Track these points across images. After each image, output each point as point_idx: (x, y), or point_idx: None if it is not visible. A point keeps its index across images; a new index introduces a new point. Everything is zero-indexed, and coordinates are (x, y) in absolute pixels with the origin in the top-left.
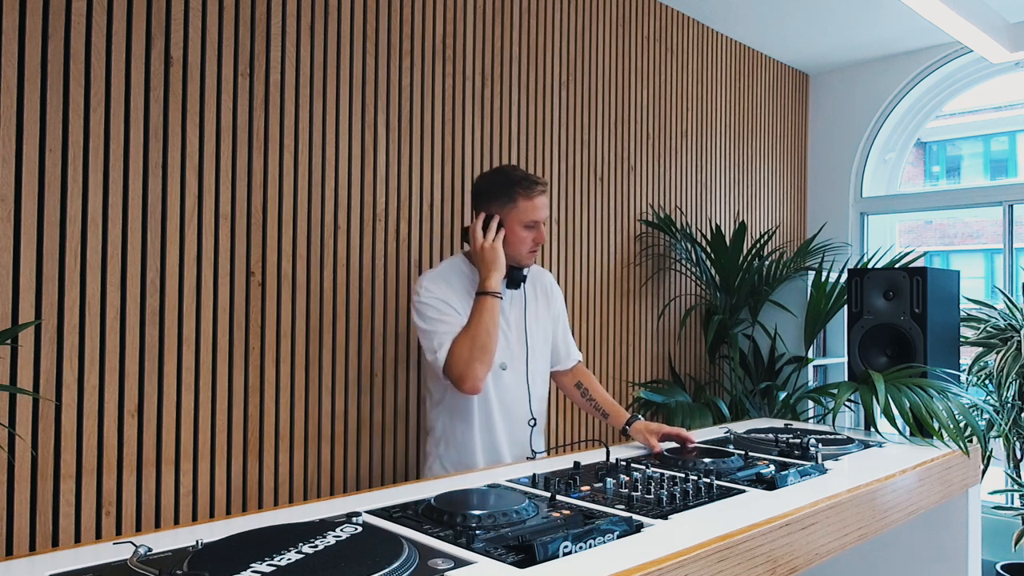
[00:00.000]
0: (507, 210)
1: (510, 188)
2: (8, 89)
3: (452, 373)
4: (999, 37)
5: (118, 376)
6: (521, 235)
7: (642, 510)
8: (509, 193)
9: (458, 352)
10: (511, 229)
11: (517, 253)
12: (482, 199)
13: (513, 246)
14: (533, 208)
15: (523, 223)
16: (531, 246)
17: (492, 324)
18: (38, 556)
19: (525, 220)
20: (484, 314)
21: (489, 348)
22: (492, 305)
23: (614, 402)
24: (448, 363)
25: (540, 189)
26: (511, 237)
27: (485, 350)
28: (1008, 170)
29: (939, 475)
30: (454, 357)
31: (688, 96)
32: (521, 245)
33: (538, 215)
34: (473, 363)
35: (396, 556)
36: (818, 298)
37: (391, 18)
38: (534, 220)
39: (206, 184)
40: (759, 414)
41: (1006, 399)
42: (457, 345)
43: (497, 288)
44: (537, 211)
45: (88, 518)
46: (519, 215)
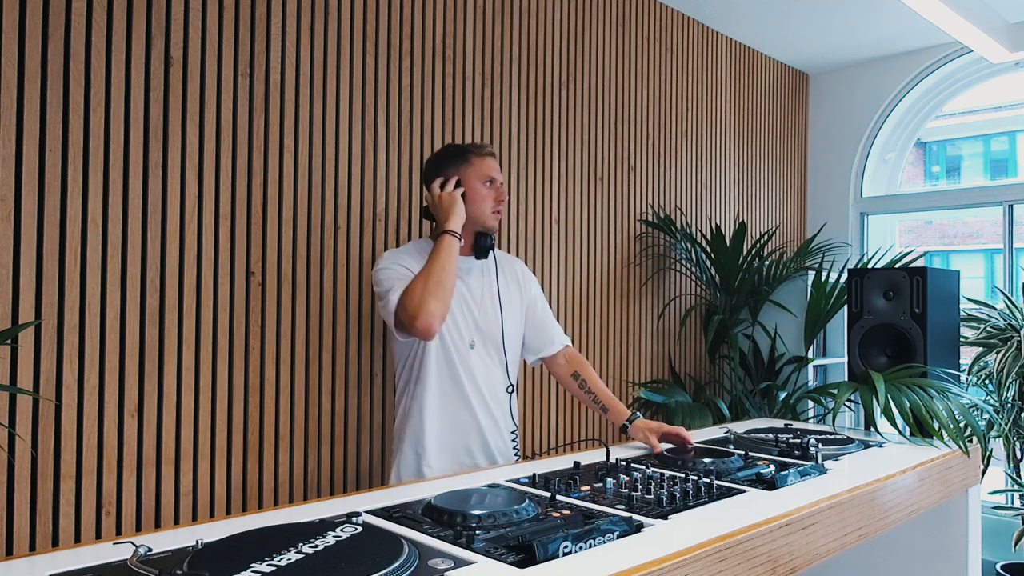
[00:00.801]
0: (463, 169)
1: (463, 152)
2: (8, 89)
3: (405, 311)
4: (999, 37)
5: (118, 376)
6: (482, 192)
7: (642, 510)
8: (462, 155)
9: (410, 290)
10: (471, 187)
11: (480, 211)
12: (436, 169)
13: (475, 204)
14: (488, 165)
15: (481, 179)
16: (493, 205)
17: (448, 261)
18: (38, 556)
19: (483, 176)
20: (441, 252)
21: (444, 284)
22: (449, 243)
23: (613, 397)
24: (401, 302)
25: (488, 150)
26: (472, 195)
27: (440, 285)
28: (1008, 170)
29: (939, 475)
30: (407, 295)
31: (688, 96)
32: (483, 203)
33: (494, 172)
34: (427, 298)
35: (396, 556)
36: (818, 298)
37: (391, 18)
38: (491, 176)
39: (206, 184)
40: (759, 414)
41: (1006, 399)
42: (411, 284)
43: (456, 229)
44: (492, 168)
45: (88, 518)
46: (476, 171)
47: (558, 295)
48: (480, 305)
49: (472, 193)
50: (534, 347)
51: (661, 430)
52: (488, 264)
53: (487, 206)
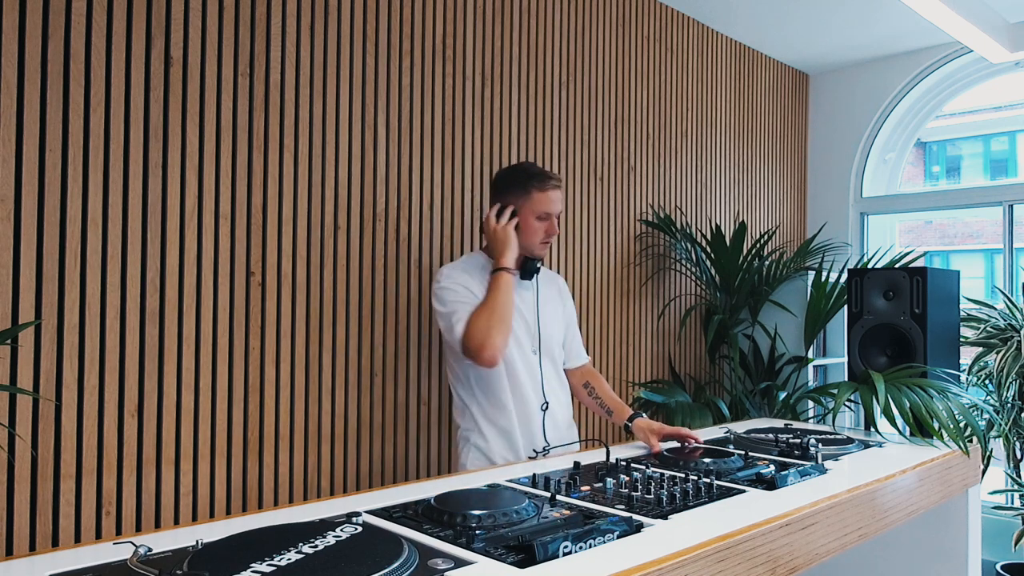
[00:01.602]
0: (521, 202)
1: (525, 182)
2: (8, 89)
3: (471, 344)
4: (999, 37)
5: (118, 376)
6: (534, 226)
7: (642, 510)
8: (524, 186)
9: (475, 323)
10: (525, 220)
11: (530, 243)
12: (499, 192)
13: (526, 236)
14: (546, 200)
15: (536, 214)
16: (543, 237)
17: (508, 297)
18: (38, 556)
19: (538, 211)
20: (500, 288)
21: (506, 319)
22: (507, 280)
23: (619, 400)
24: (466, 335)
25: (553, 184)
26: (524, 227)
27: (503, 320)
28: (1008, 170)
29: (939, 475)
30: (472, 328)
31: (688, 96)
32: (534, 235)
33: (551, 207)
34: (492, 332)
35: (396, 556)
36: (818, 298)
37: (391, 18)
38: (546, 212)
39: (206, 184)
40: (759, 414)
41: (1006, 399)
42: (475, 317)
43: (511, 265)
44: (550, 203)
45: (88, 518)
46: (532, 206)
47: None
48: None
49: (525, 226)
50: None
51: (663, 431)
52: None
53: (537, 239)
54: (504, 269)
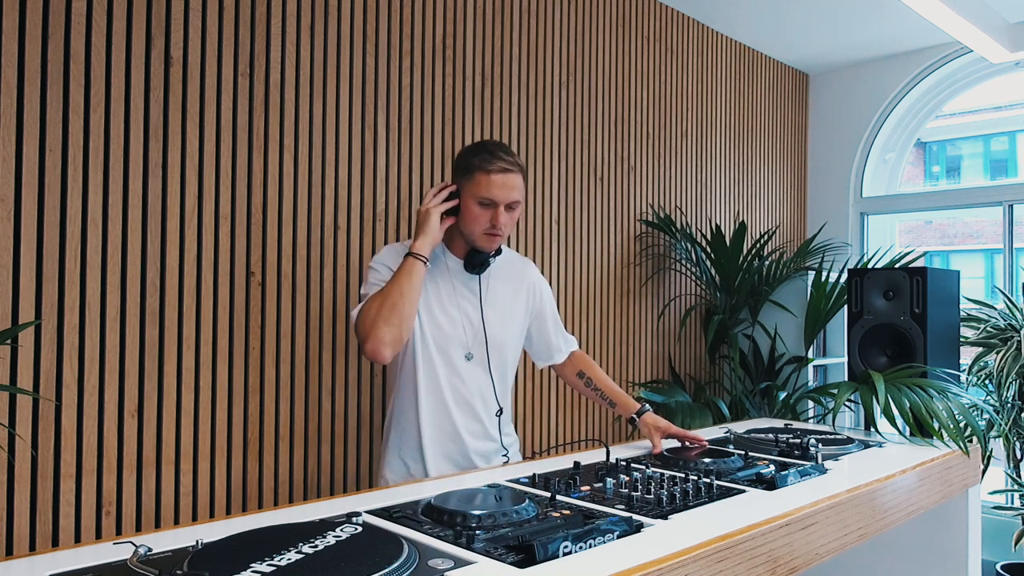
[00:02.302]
0: (464, 181)
1: (472, 158)
2: (8, 89)
3: (359, 330)
4: (999, 37)
5: (118, 376)
6: (474, 211)
7: (642, 510)
8: (468, 165)
9: (367, 309)
10: (464, 204)
11: (470, 231)
12: (453, 170)
13: (466, 222)
14: (488, 184)
15: (476, 198)
16: (486, 226)
17: (408, 285)
18: (38, 556)
19: (478, 195)
20: (400, 275)
21: (400, 310)
22: (410, 266)
23: (620, 390)
24: (358, 319)
25: (501, 165)
26: (464, 213)
27: (394, 310)
28: (1008, 170)
29: (939, 475)
30: (363, 313)
31: (688, 96)
32: (473, 223)
33: (493, 192)
34: (378, 322)
35: (396, 556)
36: (818, 298)
37: (391, 18)
38: (488, 198)
39: (206, 184)
40: (759, 414)
41: (1006, 399)
42: (370, 302)
43: (422, 252)
44: (492, 188)
45: (88, 518)
46: (474, 189)
47: (558, 295)
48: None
49: (464, 211)
50: (543, 355)
51: (669, 431)
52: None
53: (477, 227)
54: (411, 254)
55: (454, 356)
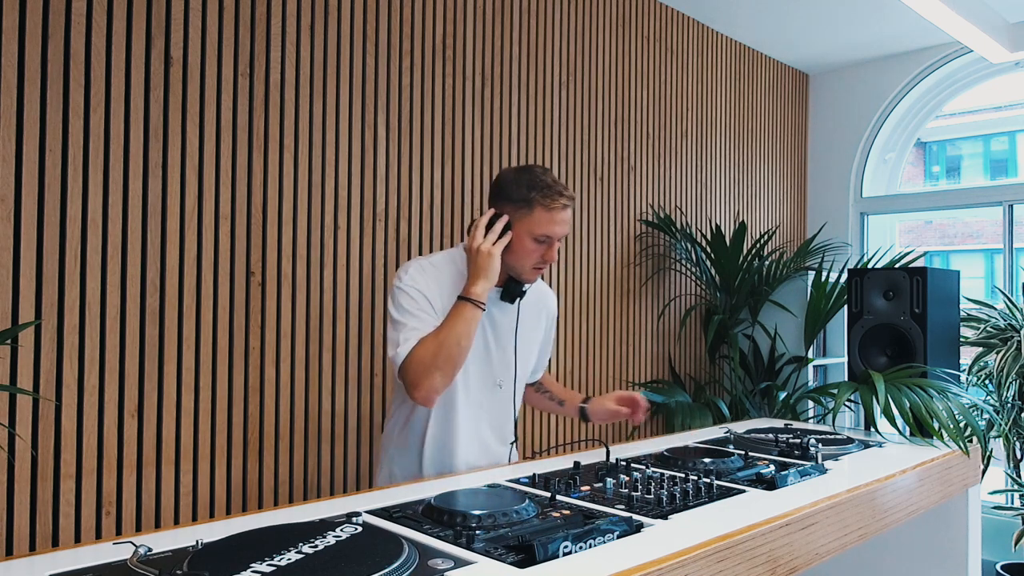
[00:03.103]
0: (520, 215)
1: (530, 192)
2: (8, 89)
3: (408, 375)
4: (999, 37)
5: (118, 376)
6: (528, 247)
7: (642, 510)
8: (527, 198)
9: (421, 354)
10: (519, 238)
11: (520, 266)
12: (499, 196)
13: (517, 257)
14: (550, 221)
15: (534, 235)
16: (537, 262)
17: (465, 335)
18: (38, 556)
19: (537, 232)
20: (459, 322)
21: (455, 360)
22: (471, 315)
23: (568, 391)
24: (407, 363)
25: (563, 203)
26: (517, 247)
27: (450, 362)
28: (1008, 170)
29: (939, 475)
30: (415, 358)
31: (688, 96)
32: (526, 258)
33: (553, 230)
34: (434, 371)
35: (396, 556)
36: (818, 298)
37: (391, 18)
38: (547, 235)
39: (206, 184)
40: (759, 414)
41: (1006, 399)
42: (422, 347)
43: (482, 298)
44: (553, 225)
45: (88, 518)
46: (532, 225)
47: (558, 295)
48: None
49: (518, 245)
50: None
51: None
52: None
53: (529, 263)
54: (471, 301)
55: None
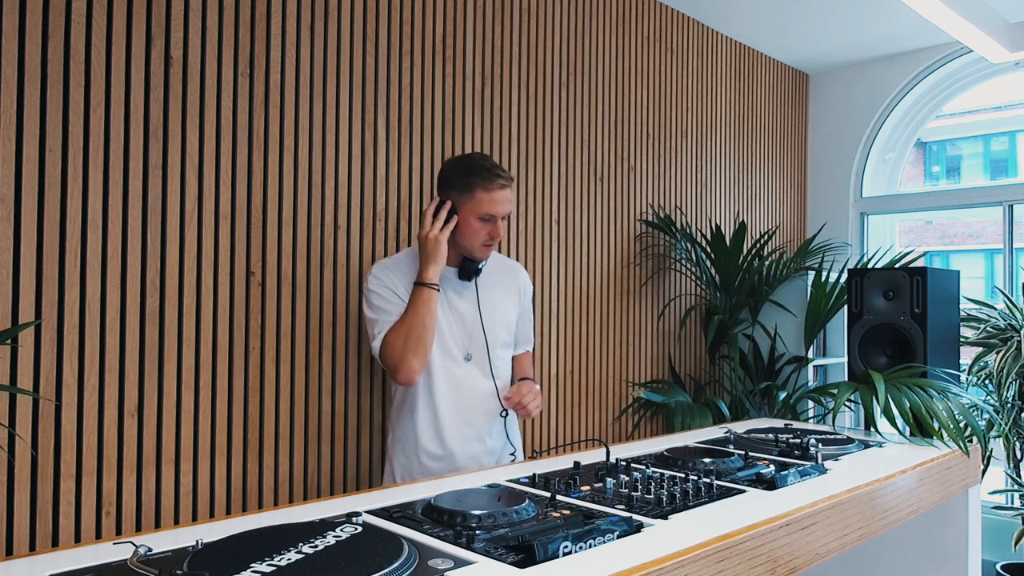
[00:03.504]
0: (464, 199)
1: (469, 177)
2: (8, 89)
3: (386, 360)
4: (999, 37)
5: (118, 376)
6: (474, 227)
7: (642, 510)
8: (467, 182)
9: (392, 340)
10: (465, 220)
11: (470, 245)
12: (444, 185)
13: (466, 237)
14: (491, 201)
15: (478, 215)
16: (485, 239)
17: (427, 315)
18: (38, 556)
19: (480, 212)
20: (419, 306)
21: (424, 340)
22: (427, 297)
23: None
24: (383, 350)
25: (501, 183)
26: (464, 228)
27: (420, 341)
28: (1008, 170)
29: (939, 475)
30: (388, 345)
31: (688, 96)
32: (474, 237)
33: (495, 208)
34: (407, 354)
35: (396, 556)
36: (818, 298)
37: (391, 18)
38: (489, 213)
39: (206, 184)
40: (759, 414)
41: (1006, 399)
42: (393, 333)
43: (433, 279)
44: (495, 204)
45: (88, 518)
46: (475, 206)
47: (558, 295)
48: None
49: (465, 227)
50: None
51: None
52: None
53: (478, 241)
54: (425, 285)
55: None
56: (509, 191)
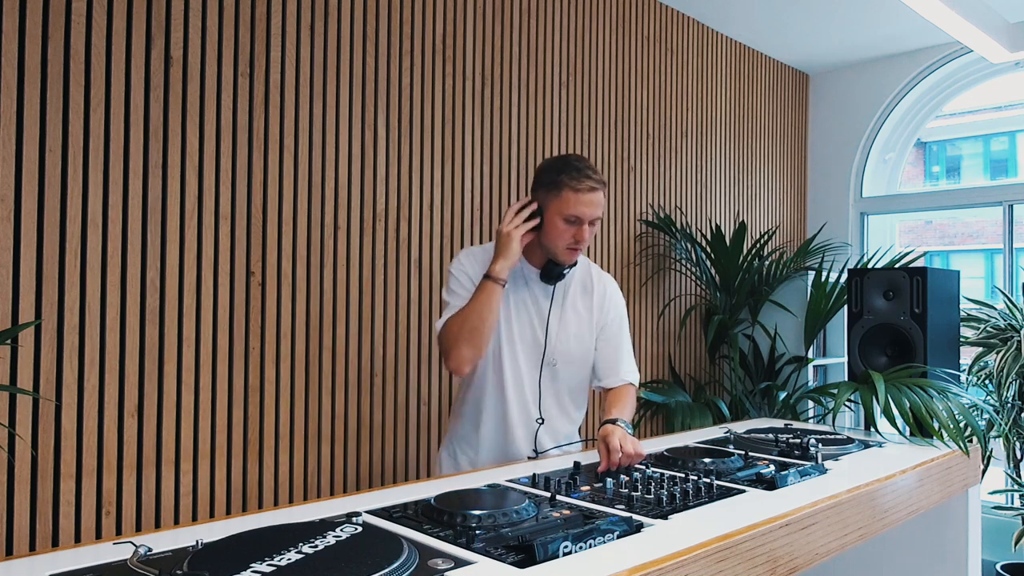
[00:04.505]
0: (551, 198)
1: (558, 175)
2: (8, 89)
3: (442, 346)
4: (999, 37)
5: (118, 376)
6: (559, 228)
7: (642, 510)
8: (556, 181)
9: (450, 327)
10: (550, 220)
11: (554, 247)
12: (536, 183)
13: (549, 238)
14: (577, 202)
15: (563, 216)
16: (569, 242)
17: (486, 309)
18: (38, 556)
19: (565, 213)
20: (480, 297)
21: (479, 332)
22: (490, 290)
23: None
24: (441, 335)
25: (591, 184)
26: (548, 228)
27: (474, 332)
28: (1008, 170)
29: (939, 475)
30: (446, 331)
31: (688, 96)
32: (557, 239)
33: (581, 210)
34: (460, 343)
35: (396, 556)
36: (818, 298)
37: (391, 18)
38: (575, 215)
39: (206, 184)
40: (759, 414)
41: (1006, 399)
42: (452, 320)
43: (499, 274)
44: (581, 206)
45: (88, 518)
46: (560, 206)
47: None
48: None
49: (549, 227)
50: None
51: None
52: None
53: (561, 243)
54: (491, 278)
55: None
56: (600, 195)
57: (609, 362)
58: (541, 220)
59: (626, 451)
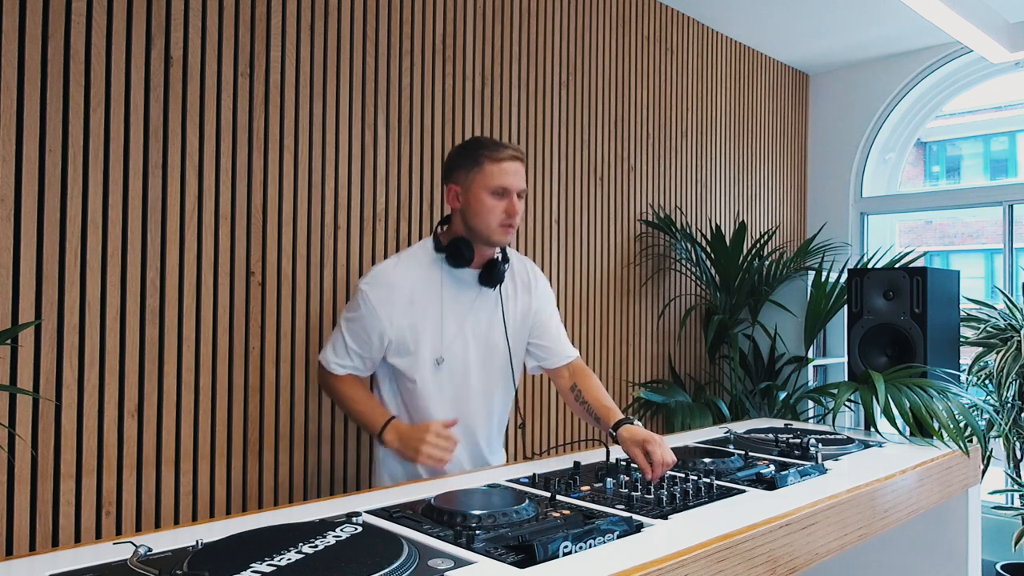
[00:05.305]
0: (472, 175)
1: (476, 152)
2: (8, 89)
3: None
4: (999, 37)
5: (118, 376)
6: (487, 203)
7: (642, 510)
8: (475, 157)
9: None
10: (477, 197)
11: (485, 225)
12: (451, 169)
13: (480, 216)
14: (501, 172)
15: (489, 188)
16: (502, 218)
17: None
18: (38, 556)
19: (492, 185)
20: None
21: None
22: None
23: (608, 403)
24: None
25: (510, 153)
26: (477, 206)
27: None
28: (1008, 170)
29: (939, 475)
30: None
31: (688, 96)
32: (489, 215)
33: (508, 180)
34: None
35: (396, 556)
36: (818, 298)
37: (391, 18)
38: (502, 186)
39: (206, 184)
40: (759, 414)
41: (1006, 399)
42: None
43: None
44: (506, 176)
45: (88, 518)
46: (484, 180)
47: (558, 295)
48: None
49: (477, 205)
50: (536, 355)
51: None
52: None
53: (493, 219)
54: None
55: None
56: (520, 165)
57: (553, 341)
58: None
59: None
